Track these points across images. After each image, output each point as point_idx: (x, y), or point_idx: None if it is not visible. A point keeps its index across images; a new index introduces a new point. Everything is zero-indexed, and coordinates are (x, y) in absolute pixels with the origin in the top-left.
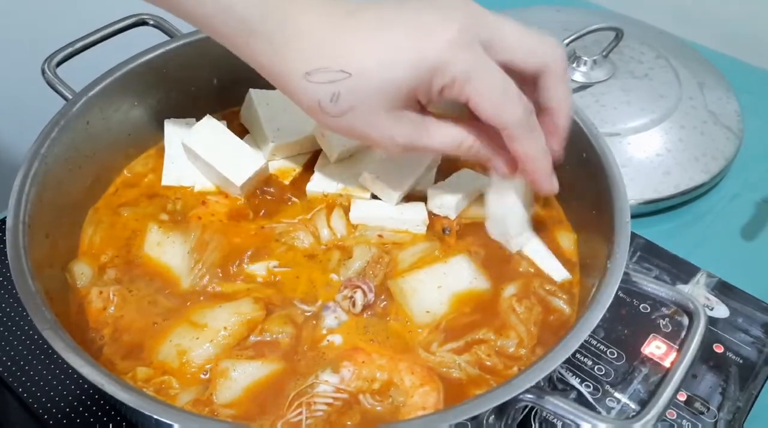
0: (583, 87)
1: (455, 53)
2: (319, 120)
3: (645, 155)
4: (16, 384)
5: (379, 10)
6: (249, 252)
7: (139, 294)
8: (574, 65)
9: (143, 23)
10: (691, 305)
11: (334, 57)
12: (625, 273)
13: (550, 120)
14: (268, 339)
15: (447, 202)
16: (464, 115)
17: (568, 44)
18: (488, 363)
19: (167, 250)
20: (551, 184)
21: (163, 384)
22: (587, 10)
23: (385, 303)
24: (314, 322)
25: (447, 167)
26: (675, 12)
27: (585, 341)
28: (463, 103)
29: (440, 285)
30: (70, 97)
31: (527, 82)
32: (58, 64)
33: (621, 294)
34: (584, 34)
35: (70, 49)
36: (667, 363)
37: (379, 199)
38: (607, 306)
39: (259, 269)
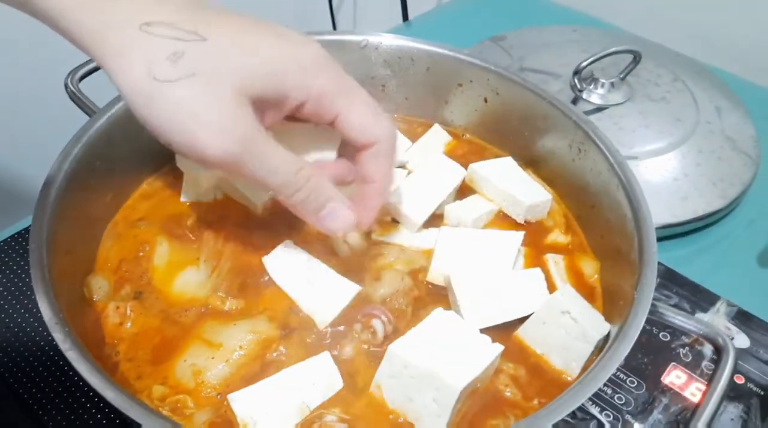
0: (600, 109)
1: (327, 66)
2: (137, 92)
3: (662, 179)
4: (26, 395)
5: (243, 17)
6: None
7: (153, 310)
8: (591, 87)
9: None
10: (721, 340)
11: (189, 20)
12: (652, 305)
13: (366, 193)
14: (284, 359)
15: (464, 220)
16: None
17: (585, 66)
18: (508, 394)
19: (180, 263)
20: (372, 219)
21: (178, 403)
22: (603, 30)
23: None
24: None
25: (465, 187)
26: (691, 34)
27: None
28: (327, 120)
29: None
30: (93, 111)
31: (350, 152)
32: (81, 78)
33: None
34: (602, 57)
35: (94, 64)
36: (687, 394)
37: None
38: (634, 340)
39: (273, 285)
